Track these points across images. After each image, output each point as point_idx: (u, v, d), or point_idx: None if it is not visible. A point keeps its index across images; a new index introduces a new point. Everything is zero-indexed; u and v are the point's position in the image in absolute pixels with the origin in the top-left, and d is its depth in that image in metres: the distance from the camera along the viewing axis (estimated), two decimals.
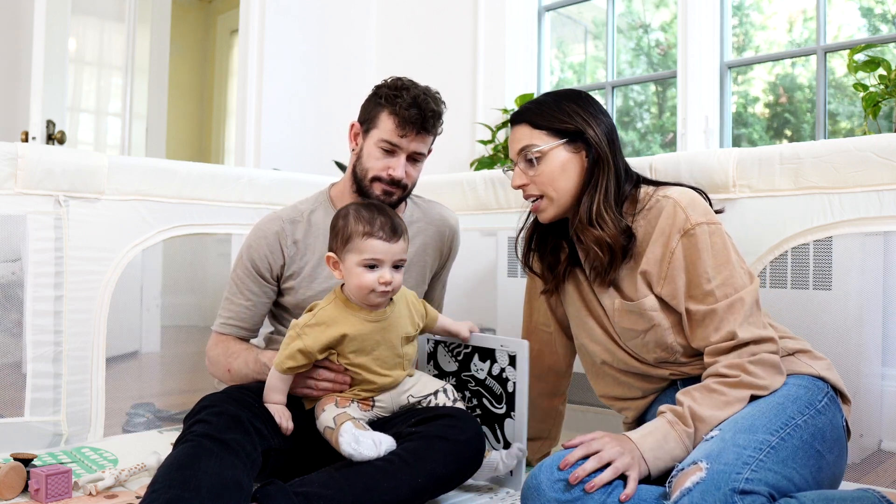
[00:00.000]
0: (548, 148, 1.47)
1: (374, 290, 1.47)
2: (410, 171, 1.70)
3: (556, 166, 1.47)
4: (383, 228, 1.47)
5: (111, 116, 3.77)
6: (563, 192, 1.48)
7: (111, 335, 1.95)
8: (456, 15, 3.33)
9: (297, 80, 3.40)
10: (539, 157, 1.47)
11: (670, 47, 3.12)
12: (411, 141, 1.66)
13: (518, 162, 1.50)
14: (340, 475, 1.36)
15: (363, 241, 1.47)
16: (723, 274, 1.37)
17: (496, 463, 1.57)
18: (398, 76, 1.71)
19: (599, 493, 1.23)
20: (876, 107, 2.10)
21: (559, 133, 1.47)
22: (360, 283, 1.47)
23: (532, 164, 1.48)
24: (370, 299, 1.49)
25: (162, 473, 1.26)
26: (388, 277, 1.47)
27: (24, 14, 3.37)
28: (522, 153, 1.49)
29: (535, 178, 1.48)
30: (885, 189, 1.58)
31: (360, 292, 1.48)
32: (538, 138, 1.47)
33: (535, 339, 1.76)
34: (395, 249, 1.48)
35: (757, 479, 1.11)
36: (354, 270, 1.48)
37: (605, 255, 1.44)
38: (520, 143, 1.50)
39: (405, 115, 1.63)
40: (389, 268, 1.48)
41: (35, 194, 1.85)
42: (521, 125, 1.51)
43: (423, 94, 1.66)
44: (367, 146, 1.70)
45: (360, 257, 1.47)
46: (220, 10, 5.63)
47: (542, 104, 1.50)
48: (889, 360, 1.75)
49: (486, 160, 2.99)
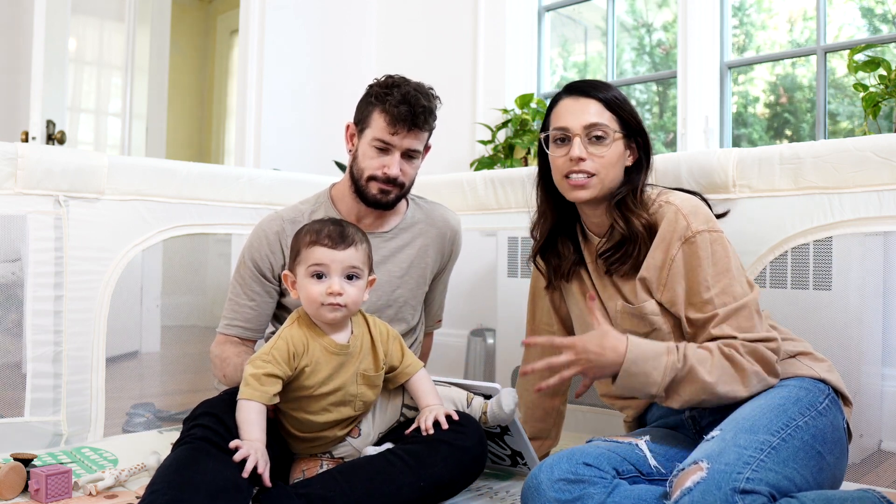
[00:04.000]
0: (617, 135, 1.46)
1: (323, 302, 1.39)
2: (406, 169, 1.69)
3: (616, 154, 1.46)
4: (329, 236, 1.40)
5: (111, 116, 3.77)
6: (611, 180, 1.46)
7: (111, 335, 1.95)
8: (456, 15, 3.33)
9: (297, 80, 3.40)
10: (607, 140, 1.45)
11: (672, 47, 3.12)
12: (403, 138, 1.65)
13: (579, 135, 1.45)
14: (342, 477, 1.36)
15: (308, 250, 1.41)
16: (722, 283, 1.37)
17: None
18: (391, 74, 1.70)
19: (599, 492, 1.24)
20: (876, 107, 2.10)
21: (624, 124, 1.47)
22: (308, 296, 1.40)
23: (598, 144, 1.45)
24: (322, 314, 1.40)
25: (160, 475, 1.26)
26: (337, 288, 1.38)
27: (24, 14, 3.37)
28: (592, 129, 1.45)
29: (596, 157, 1.45)
30: (885, 189, 1.58)
31: (311, 307, 1.41)
32: (609, 120, 1.46)
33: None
34: (342, 257, 1.40)
35: (758, 479, 1.11)
36: (303, 283, 1.41)
37: (650, 240, 1.44)
38: (592, 117, 1.45)
39: (395, 113, 1.62)
40: (339, 277, 1.40)
41: (35, 194, 1.84)
42: (591, 100, 1.47)
43: (414, 90, 1.64)
44: (361, 146, 1.70)
45: (305, 266, 1.41)
46: (220, 10, 5.63)
47: (611, 89, 1.49)
48: (889, 360, 1.75)
49: (486, 160, 2.99)
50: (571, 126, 1.45)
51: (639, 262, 1.45)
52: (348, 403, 1.46)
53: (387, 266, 1.77)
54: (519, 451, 1.65)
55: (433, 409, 1.48)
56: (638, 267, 1.45)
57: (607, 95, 1.47)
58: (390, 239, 1.79)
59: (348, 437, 1.50)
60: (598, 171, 1.45)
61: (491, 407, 1.52)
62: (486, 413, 1.53)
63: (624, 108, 1.48)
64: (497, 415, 1.52)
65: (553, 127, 1.49)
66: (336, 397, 1.44)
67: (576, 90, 1.50)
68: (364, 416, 1.53)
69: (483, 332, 2.46)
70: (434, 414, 1.46)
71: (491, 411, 1.52)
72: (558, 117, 1.49)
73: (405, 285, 1.79)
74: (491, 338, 2.44)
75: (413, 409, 1.55)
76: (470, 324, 2.50)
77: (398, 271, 1.78)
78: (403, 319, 1.80)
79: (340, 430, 1.49)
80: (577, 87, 1.50)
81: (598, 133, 1.44)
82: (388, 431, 1.55)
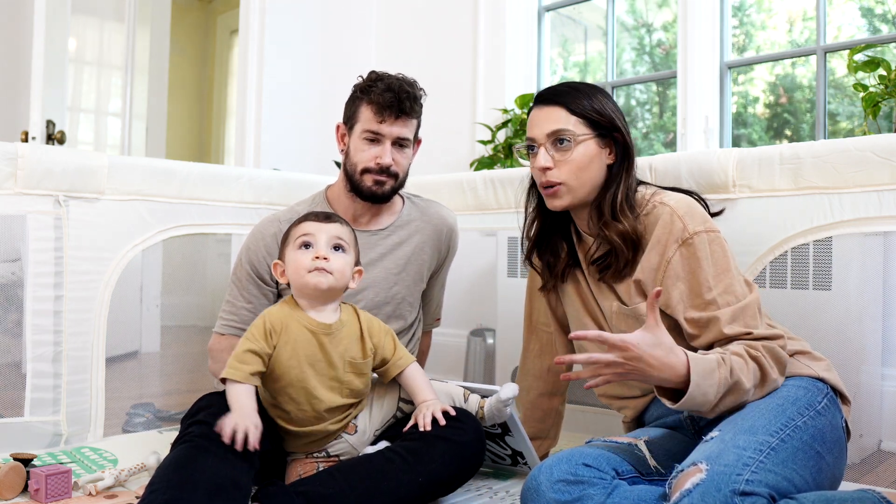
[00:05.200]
0: (583, 137, 1.44)
1: (309, 269, 1.43)
2: (398, 158, 1.71)
3: (585, 157, 1.44)
4: (316, 216, 1.50)
5: (111, 116, 3.77)
6: (584, 184, 1.45)
7: (111, 335, 1.95)
8: (456, 15, 3.33)
9: (297, 80, 3.39)
10: (569, 144, 1.44)
11: (672, 47, 3.12)
12: (392, 125, 1.68)
13: (544, 144, 1.46)
14: (341, 475, 1.36)
15: (295, 228, 1.49)
16: (723, 282, 1.36)
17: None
18: (374, 70, 1.74)
19: (600, 492, 1.23)
20: (876, 107, 2.10)
21: (593, 124, 1.45)
22: (297, 265, 1.45)
23: (563, 150, 1.44)
24: (308, 280, 1.43)
25: (160, 474, 1.26)
26: (324, 253, 1.43)
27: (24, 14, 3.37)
28: (554, 136, 1.45)
29: (563, 164, 1.44)
30: (885, 189, 1.58)
31: (298, 276, 1.45)
32: (574, 125, 1.44)
33: (535, 339, 1.76)
34: (328, 228, 1.47)
35: (757, 481, 1.11)
36: (291, 256, 1.46)
37: (629, 250, 1.43)
38: (554, 124, 1.45)
39: (380, 101, 1.66)
40: (326, 247, 1.45)
41: (35, 194, 1.85)
42: (554, 107, 1.46)
43: (398, 80, 1.69)
44: (352, 142, 1.73)
45: (293, 242, 1.47)
46: (220, 10, 5.62)
47: (578, 91, 1.47)
48: (889, 360, 1.75)
49: (486, 160, 2.99)
50: (536, 136, 1.47)
51: (634, 264, 1.45)
52: (335, 390, 1.46)
53: (384, 263, 1.78)
54: (519, 451, 1.64)
55: (430, 404, 1.48)
56: (632, 268, 1.45)
57: (570, 99, 1.46)
58: (387, 236, 1.80)
59: (344, 433, 1.50)
60: (565, 180, 1.45)
61: (489, 402, 1.52)
62: (484, 408, 1.52)
63: (594, 108, 1.45)
64: (494, 408, 1.51)
65: (525, 137, 1.51)
66: (322, 382, 1.44)
67: (541, 99, 1.50)
68: (359, 412, 1.52)
69: (483, 332, 2.46)
70: (431, 410, 1.46)
71: (489, 406, 1.52)
72: (528, 127, 1.51)
73: (402, 282, 1.79)
74: (491, 338, 2.44)
75: (409, 403, 1.55)
76: (470, 324, 2.50)
77: (395, 268, 1.79)
78: (401, 317, 1.80)
79: (333, 423, 1.48)
80: (543, 96, 1.50)
81: (561, 137, 1.44)
82: (385, 429, 1.55)
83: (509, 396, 1.50)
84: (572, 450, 1.33)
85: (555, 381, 1.77)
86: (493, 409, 1.52)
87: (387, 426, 1.55)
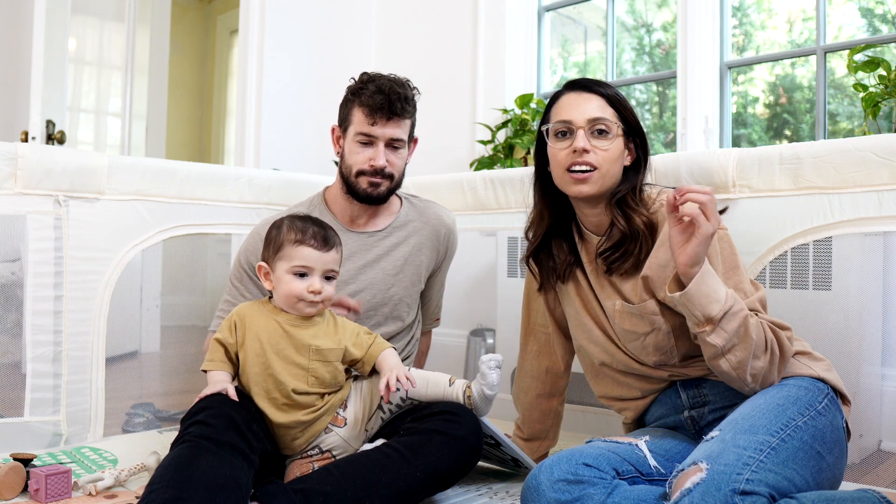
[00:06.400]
0: (620, 131, 1.47)
1: (304, 298, 1.45)
2: (392, 159, 1.72)
3: (617, 150, 1.47)
4: (315, 237, 1.48)
5: (111, 116, 3.77)
6: (612, 176, 1.47)
7: (111, 335, 1.95)
8: (456, 15, 3.33)
9: (297, 80, 3.39)
10: (610, 135, 1.46)
11: (672, 47, 3.12)
12: (384, 127, 1.68)
13: (584, 128, 1.46)
14: (338, 471, 1.37)
15: (294, 248, 1.47)
16: (733, 279, 1.38)
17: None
18: (366, 71, 1.74)
19: (600, 492, 1.24)
20: (876, 107, 2.10)
21: (625, 122, 1.48)
22: (290, 291, 1.46)
23: (601, 139, 1.46)
24: (299, 308, 1.47)
25: (160, 474, 1.26)
26: (318, 286, 1.46)
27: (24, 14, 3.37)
28: (595, 123, 1.46)
29: (599, 151, 1.45)
30: (884, 189, 1.58)
31: (289, 301, 1.47)
32: (613, 117, 1.47)
33: (533, 340, 1.76)
34: (326, 258, 1.48)
35: (757, 480, 1.11)
36: (284, 278, 1.47)
37: (650, 240, 1.45)
38: (596, 112, 1.46)
39: (371, 103, 1.67)
40: (320, 277, 1.47)
41: (35, 194, 1.85)
42: (593, 95, 1.48)
43: (389, 81, 1.69)
44: (347, 144, 1.74)
45: (289, 264, 1.47)
46: (220, 10, 5.62)
47: (612, 87, 1.51)
48: (889, 360, 1.75)
49: (486, 160, 2.99)
50: (575, 119, 1.46)
51: (640, 261, 1.45)
52: (300, 378, 1.46)
53: (381, 264, 1.78)
54: (515, 458, 1.65)
55: (392, 370, 1.46)
56: (639, 265, 1.45)
57: (609, 92, 1.49)
58: (384, 237, 1.80)
59: (332, 425, 1.50)
60: (600, 165, 1.45)
61: (476, 379, 1.49)
62: (471, 387, 1.50)
63: (625, 106, 1.49)
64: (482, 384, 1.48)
65: (556, 120, 1.49)
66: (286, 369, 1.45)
67: (579, 86, 1.51)
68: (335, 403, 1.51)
69: (483, 333, 2.46)
70: (395, 374, 1.45)
71: (476, 383, 1.49)
72: (561, 111, 1.49)
73: (400, 283, 1.79)
74: (491, 338, 2.44)
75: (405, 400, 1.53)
76: (470, 324, 2.50)
77: (392, 269, 1.79)
78: (399, 317, 1.80)
79: (306, 414, 1.47)
80: (580, 83, 1.51)
81: (601, 127, 1.46)
82: (380, 428, 1.55)
83: (495, 366, 1.47)
84: (572, 449, 1.33)
85: (553, 381, 1.77)
86: (481, 386, 1.48)
87: (381, 426, 1.55)
